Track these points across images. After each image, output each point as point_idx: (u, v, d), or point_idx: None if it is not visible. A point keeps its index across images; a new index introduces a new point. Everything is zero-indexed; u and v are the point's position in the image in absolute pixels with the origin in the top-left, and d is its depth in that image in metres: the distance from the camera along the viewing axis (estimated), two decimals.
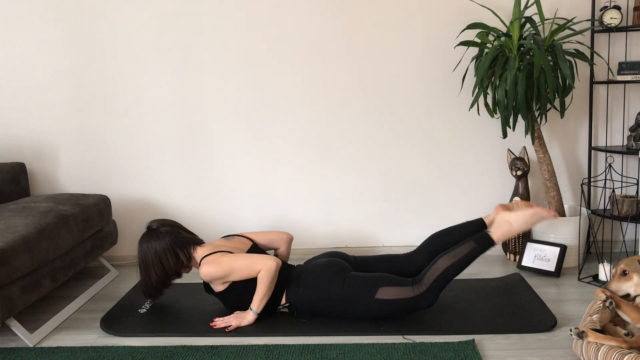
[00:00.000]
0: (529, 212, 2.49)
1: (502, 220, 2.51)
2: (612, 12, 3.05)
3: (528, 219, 2.49)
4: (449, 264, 2.41)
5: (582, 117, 3.31)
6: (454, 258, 2.42)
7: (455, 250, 2.44)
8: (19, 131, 3.40)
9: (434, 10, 3.23)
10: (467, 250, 2.43)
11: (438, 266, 2.41)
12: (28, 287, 2.40)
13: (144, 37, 3.29)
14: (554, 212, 2.50)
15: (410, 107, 3.32)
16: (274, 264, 2.45)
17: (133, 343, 2.40)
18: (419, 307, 2.42)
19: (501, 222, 2.51)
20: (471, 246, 2.43)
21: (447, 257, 2.42)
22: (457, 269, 2.41)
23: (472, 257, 2.43)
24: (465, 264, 2.43)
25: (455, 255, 2.42)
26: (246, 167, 3.40)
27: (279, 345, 2.31)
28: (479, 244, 2.45)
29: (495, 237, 2.48)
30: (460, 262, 2.41)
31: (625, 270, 2.18)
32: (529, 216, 2.49)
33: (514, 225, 2.49)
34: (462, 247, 2.44)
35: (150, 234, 2.59)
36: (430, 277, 2.40)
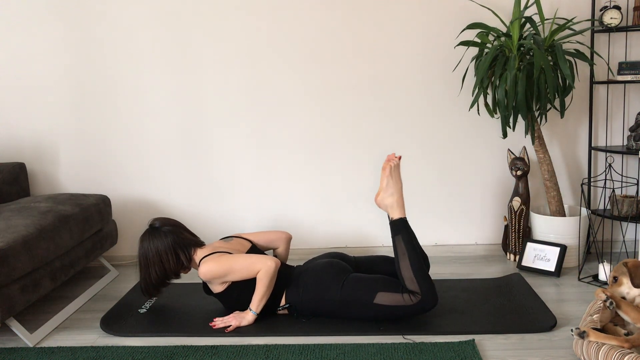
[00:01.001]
0: (384, 177, 2.54)
1: (384, 202, 2.54)
2: (612, 12, 3.05)
3: (391, 180, 2.52)
4: (408, 264, 2.42)
5: (582, 117, 3.31)
6: (405, 258, 2.43)
7: (397, 253, 2.46)
8: (19, 131, 3.40)
9: (434, 10, 3.23)
10: (402, 244, 2.45)
11: (405, 274, 2.42)
12: (28, 287, 2.40)
13: (144, 37, 3.29)
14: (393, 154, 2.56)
15: (410, 107, 3.32)
16: (273, 264, 2.45)
17: (133, 343, 2.40)
18: (426, 310, 2.42)
19: (386, 203, 2.54)
20: (399, 239, 2.46)
21: (401, 262, 2.43)
22: (416, 259, 2.42)
23: (409, 242, 2.45)
24: (414, 250, 2.43)
25: (402, 254, 2.44)
26: (246, 166, 3.40)
27: (279, 345, 2.31)
28: (399, 231, 2.47)
29: (397, 216, 2.51)
30: (410, 254, 2.42)
31: (615, 277, 2.22)
32: (388, 178, 2.53)
33: (393, 195, 2.52)
34: (397, 246, 2.46)
35: (153, 232, 2.59)
36: (413, 284, 2.40)
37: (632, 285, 2.18)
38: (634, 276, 2.17)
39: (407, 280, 2.41)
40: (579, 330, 2.06)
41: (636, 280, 2.17)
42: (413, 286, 2.40)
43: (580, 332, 2.06)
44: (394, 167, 2.54)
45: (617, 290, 2.23)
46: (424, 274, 2.42)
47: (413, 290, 2.40)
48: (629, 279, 2.18)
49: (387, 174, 2.54)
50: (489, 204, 3.39)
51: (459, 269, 3.18)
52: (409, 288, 2.41)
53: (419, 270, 2.41)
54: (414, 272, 2.41)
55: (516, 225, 3.21)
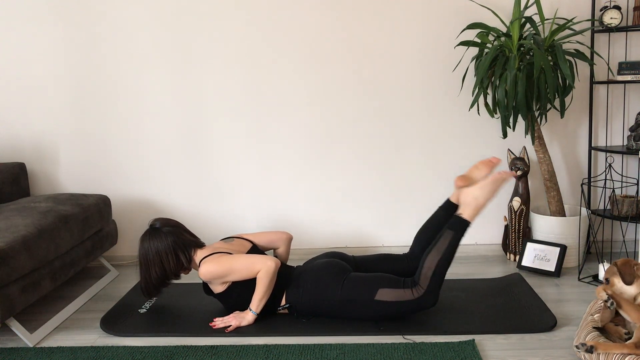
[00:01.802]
0: (488, 181, 2.47)
1: (468, 197, 2.49)
2: (612, 12, 3.05)
3: (491, 188, 2.47)
4: (437, 260, 2.40)
5: (582, 117, 3.31)
6: (439, 253, 2.41)
7: (437, 244, 2.43)
8: (19, 131, 3.40)
9: (434, 10, 3.23)
10: (447, 241, 2.42)
11: (428, 265, 2.41)
12: (28, 287, 2.40)
13: (144, 37, 3.29)
14: (512, 172, 2.51)
15: (410, 107, 3.32)
16: (273, 265, 2.45)
17: (133, 343, 2.40)
18: (423, 308, 2.42)
19: (467, 200, 2.48)
20: (450, 235, 2.43)
21: (433, 254, 2.42)
22: (446, 261, 2.41)
23: (454, 244, 2.43)
24: (451, 254, 2.43)
25: (439, 249, 2.42)
26: (246, 167, 3.40)
27: (279, 345, 2.31)
28: (456, 230, 2.44)
29: (467, 216, 2.47)
30: (446, 254, 2.41)
31: (607, 279, 2.21)
32: (491, 185, 2.47)
33: (480, 199, 2.47)
34: (442, 239, 2.43)
35: (153, 232, 2.59)
36: (425, 278, 2.40)
37: (624, 283, 2.17)
38: (623, 274, 2.17)
39: (424, 270, 2.40)
40: (586, 346, 2.00)
41: (627, 278, 2.16)
42: (423, 279, 2.40)
43: (587, 347, 2.00)
44: (502, 180, 2.48)
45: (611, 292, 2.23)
46: (441, 276, 2.41)
47: (419, 283, 2.40)
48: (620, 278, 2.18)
49: (495, 180, 2.46)
50: (489, 204, 3.39)
51: (459, 269, 3.18)
52: (418, 279, 2.41)
53: (440, 271, 2.40)
54: (435, 269, 2.40)
55: (516, 225, 3.21)
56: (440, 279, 2.41)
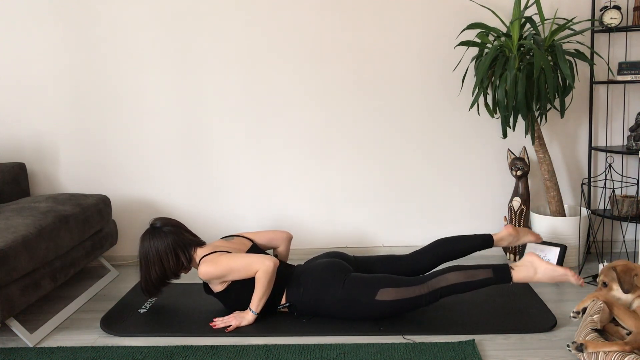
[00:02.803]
0: (559, 271, 2.38)
1: (530, 264, 2.41)
2: (612, 12, 3.05)
3: (554, 276, 2.38)
4: (459, 281, 2.38)
5: (582, 117, 3.31)
6: (466, 278, 2.38)
7: (471, 270, 2.40)
8: (19, 131, 3.40)
9: (434, 10, 3.23)
10: (482, 277, 2.39)
11: (448, 278, 2.39)
12: (28, 287, 2.40)
13: (144, 37, 3.29)
14: (582, 280, 2.41)
15: (410, 107, 3.32)
16: (271, 264, 2.45)
17: (133, 343, 2.40)
18: (419, 305, 2.42)
19: (528, 266, 2.41)
20: (488, 274, 2.39)
21: (460, 274, 2.39)
22: (465, 288, 2.40)
23: (484, 284, 2.39)
24: (474, 288, 2.40)
25: (469, 276, 2.39)
26: (246, 166, 3.40)
27: (279, 345, 2.31)
28: (496, 277, 2.40)
29: (515, 277, 2.40)
30: (470, 284, 2.39)
31: (605, 282, 2.21)
32: (556, 275, 2.38)
33: (538, 275, 2.40)
34: (479, 271, 2.40)
35: (154, 232, 2.59)
36: (436, 284, 2.40)
37: (622, 291, 2.17)
38: (622, 282, 2.16)
39: (440, 277, 2.40)
40: (576, 344, 2.03)
41: (625, 287, 2.15)
42: (434, 282, 2.40)
43: (577, 345, 2.02)
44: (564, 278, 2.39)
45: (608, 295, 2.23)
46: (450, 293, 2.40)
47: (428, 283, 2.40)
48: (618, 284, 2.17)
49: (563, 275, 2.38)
50: (489, 204, 3.39)
51: None
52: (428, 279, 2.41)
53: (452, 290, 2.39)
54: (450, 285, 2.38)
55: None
56: (446, 293, 2.41)
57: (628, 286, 2.15)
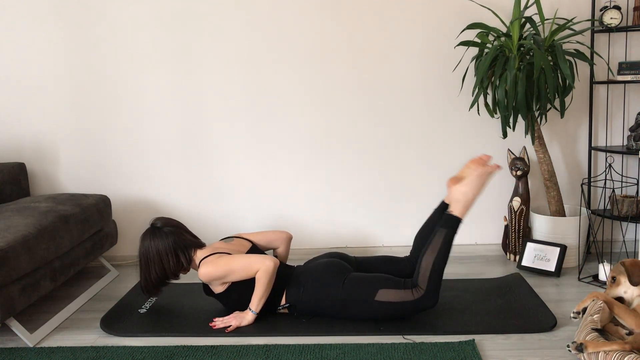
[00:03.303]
0: (474, 176, 2.48)
1: (457, 194, 2.50)
2: (612, 12, 3.05)
3: (477, 183, 2.48)
4: (433, 259, 2.41)
5: (582, 117, 3.31)
6: (434, 252, 2.42)
7: (431, 244, 2.44)
8: (19, 131, 3.40)
9: (434, 10, 3.23)
10: (441, 239, 2.43)
11: (425, 265, 2.41)
12: (28, 287, 2.40)
13: (144, 37, 3.29)
14: (496, 165, 2.51)
15: (410, 107, 3.32)
16: (271, 264, 2.45)
17: (133, 343, 2.40)
18: (423, 308, 2.42)
19: (456, 197, 2.50)
20: (442, 233, 2.44)
21: (429, 254, 2.42)
22: (442, 259, 2.42)
23: (448, 242, 2.44)
24: (447, 251, 2.43)
25: (434, 248, 2.42)
26: (246, 167, 3.40)
27: (279, 345, 2.31)
28: (448, 227, 2.45)
29: (457, 213, 2.48)
30: (441, 252, 2.42)
31: (613, 277, 2.23)
32: (477, 179, 2.48)
33: (468, 195, 2.48)
34: (436, 237, 2.44)
35: (154, 232, 2.58)
36: (424, 278, 2.40)
37: (630, 284, 2.18)
38: (631, 274, 2.18)
39: (421, 271, 2.41)
40: (576, 344, 2.04)
41: (634, 279, 2.17)
42: (421, 279, 2.40)
43: (577, 345, 2.03)
44: (489, 174, 2.49)
45: (613, 291, 2.24)
46: (439, 274, 2.41)
47: (418, 284, 2.40)
48: (627, 277, 2.19)
49: (480, 174, 2.48)
50: (489, 204, 3.39)
51: (459, 269, 3.18)
52: (416, 280, 2.41)
53: (438, 270, 2.41)
54: (433, 268, 2.40)
55: (516, 225, 3.21)
56: (438, 278, 2.41)
57: (637, 279, 2.16)
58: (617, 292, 2.24)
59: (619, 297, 2.24)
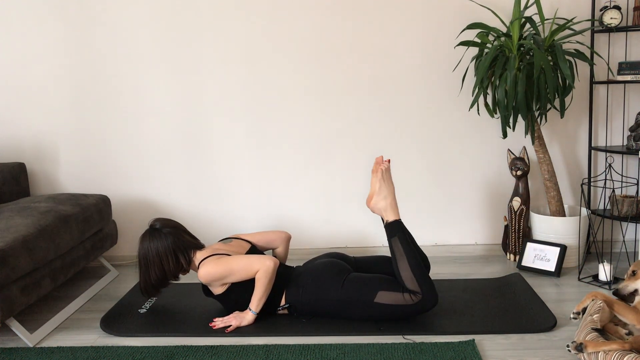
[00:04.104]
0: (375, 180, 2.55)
1: (378, 205, 2.56)
2: (612, 12, 3.05)
3: (381, 183, 2.54)
4: (407, 265, 2.42)
5: (582, 117, 3.31)
6: (402, 259, 2.44)
7: (395, 255, 2.46)
8: (19, 131, 3.40)
9: (434, 10, 3.23)
10: (399, 245, 2.46)
11: (405, 275, 2.42)
12: (28, 287, 2.40)
13: (144, 37, 3.29)
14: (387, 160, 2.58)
15: (410, 107, 3.32)
16: (271, 264, 2.45)
17: (133, 343, 2.40)
18: (424, 310, 2.42)
19: (379, 207, 2.55)
20: (396, 241, 2.48)
21: (400, 264, 2.44)
22: (415, 260, 2.43)
23: (406, 244, 2.46)
24: (411, 252, 2.44)
25: (400, 256, 2.45)
26: (246, 166, 3.40)
27: (279, 345, 2.31)
28: (395, 233, 2.49)
29: (392, 218, 2.52)
30: (409, 255, 2.43)
31: (634, 271, 2.25)
32: (381, 182, 2.54)
33: (387, 199, 2.54)
34: (394, 248, 2.48)
35: (153, 233, 2.58)
36: (414, 284, 2.41)
37: None
38: None
39: (407, 281, 2.41)
40: (575, 343, 2.04)
41: None
42: (413, 286, 2.40)
43: (577, 345, 2.03)
44: (385, 171, 2.56)
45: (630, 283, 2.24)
46: (423, 273, 2.42)
47: (413, 290, 2.40)
48: None
49: (380, 178, 2.55)
50: (489, 204, 3.39)
51: (459, 269, 3.18)
52: (410, 288, 2.41)
53: (418, 270, 2.42)
54: (413, 272, 2.41)
55: (516, 225, 3.21)
56: (426, 279, 2.42)
57: None
58: (632, 285, 2.24)
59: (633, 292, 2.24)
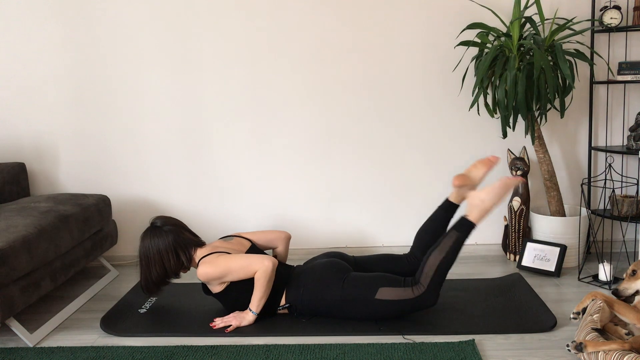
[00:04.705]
0: (497, 185, 2.45)
1: (475, 200, 2.46)
2: (612, 12, 3.05)
3: (498, 192, 2.44)
4: (439, 259, 2.40)
5: (582, 117, 3.31)
6: (442, 252, 2.41)
7: (441, 244, 2.43)
8: (19, 131, 3.40)
9: (434, 11, 3.23)
10: (452, 242, 2.42)
11: (430, 264, 2.40)
12: (28, 287, 2.40)
13: (144, 37, 3.29)
14: (520, 178, 2.48)
15: (410, 107, 3.32)
16: (270, 264, 2.45)
17: (133, 343, 2.40)
18: (423, 307, 2.42)
19: (474, 202, 2.46)
20: (454, 236, 2.42)
21: (436, 253, 2.41)
22: (448, 261, 2.41)
23: (458, 246, 2.43)
24: (454, 254, 2.42)
25: (443, 249, 2.41)
26: (246, 166, 3.40)
27: (279, 345, 2.31)
28: (461, 232, 2.43)
29: (473, 219, 2.45)
30: (449, 254, 2.41)
31: (635, 270, 2.25)
32: (498, 189, 2.44)
33: (487, 202, 2.45)
34: (447, 239, 2.43)
35: (154, 230, 2.58)
36: (427, 277, 2.40)
37: None
38: None
39: (425, 269, 2.40)
40: (575, 343, 2.04)
41: None
42: (424, 277, 2.40)
43: (577, 345, 2.03)
44: (511, 186, 2.45)
45: (631, 284, 2.24)
46: (443, 275, 2.41)
47: (420, 281, 2.40)
48: None
49: (503, 185, 2.43)
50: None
51: (459, 269, 3.18)
52: (419, 277, 2.41)
53: (442, 271, 2.40)
54: (437, 268, 2.39)
55: (516, 225, 3.21)
56: (441, 279, 2.41)
57: None
58: (633, 286, 2.23)
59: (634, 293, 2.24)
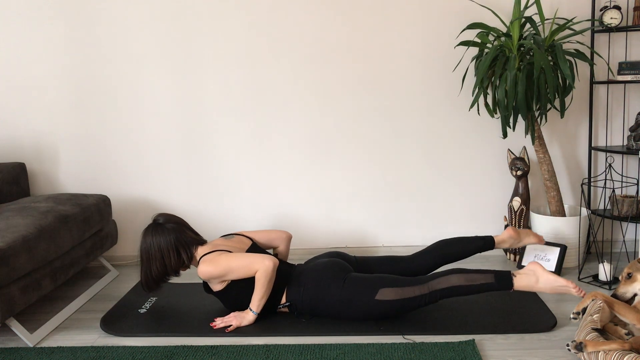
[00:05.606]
0: (560, 282, 2.34)
1: (532, 273, 2.39)
2: (612, 12, 3.05)
3: (555, 287, 2.35)
4: (460, 284, 2.38)
5: (582, 117, 3.31)
6: (467, 281, 2.38)
7: (472, 274, 2.40)
8: (19, 131, 3.40)
9: (434, 10, 3.23)
10: (482, 281, 2.38)
11: (449, 280, 2.39)
12: (28, 287, 2.40)
13: (144, 37, 3.29)
14: (583, 292, 2.36)
15: (410, 107, 3.32)
16: (271, 264, 2.45)
17: (133, 343, 2.40)
18: (419, 305, 2.42)
19: (530, 274, 2.39)
20: (489, 279, 2.38)
21: (461, 277, 2.39)
22: (464, 291, 2.39)
23: (484, 289, 2.39)
24: (474, 292, 2.39)
25: (470, 279, 2.38)
26: (246, 166, 3.40)
27: (279, 345, 2.31)
28: (498, 283, 2.39)
29: (516, 284, 2.38)
30: (471, 288, 2.38)
31: (630, 273, 2.23)
32: (557, 285, 2.35)
33: (539, 284, 2.37)
34: (480, 275, 2.39)
35: (156, 228, 2.58)
36: (436, 285, 2.40)
37: None
38: None
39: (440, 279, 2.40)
40: (575, 342, 2.03)
41: None
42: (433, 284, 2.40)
43: (577, 344, 2.02)
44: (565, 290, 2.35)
45: (628, 288, 2.23)
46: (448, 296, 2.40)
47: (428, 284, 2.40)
48: None
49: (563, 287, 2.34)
50: (489, 204, 3.39)
51: None
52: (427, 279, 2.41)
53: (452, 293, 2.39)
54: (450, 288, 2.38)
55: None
56: (446, 295, 2.41)
57: None
58: (631, 289, 2.23)
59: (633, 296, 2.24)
